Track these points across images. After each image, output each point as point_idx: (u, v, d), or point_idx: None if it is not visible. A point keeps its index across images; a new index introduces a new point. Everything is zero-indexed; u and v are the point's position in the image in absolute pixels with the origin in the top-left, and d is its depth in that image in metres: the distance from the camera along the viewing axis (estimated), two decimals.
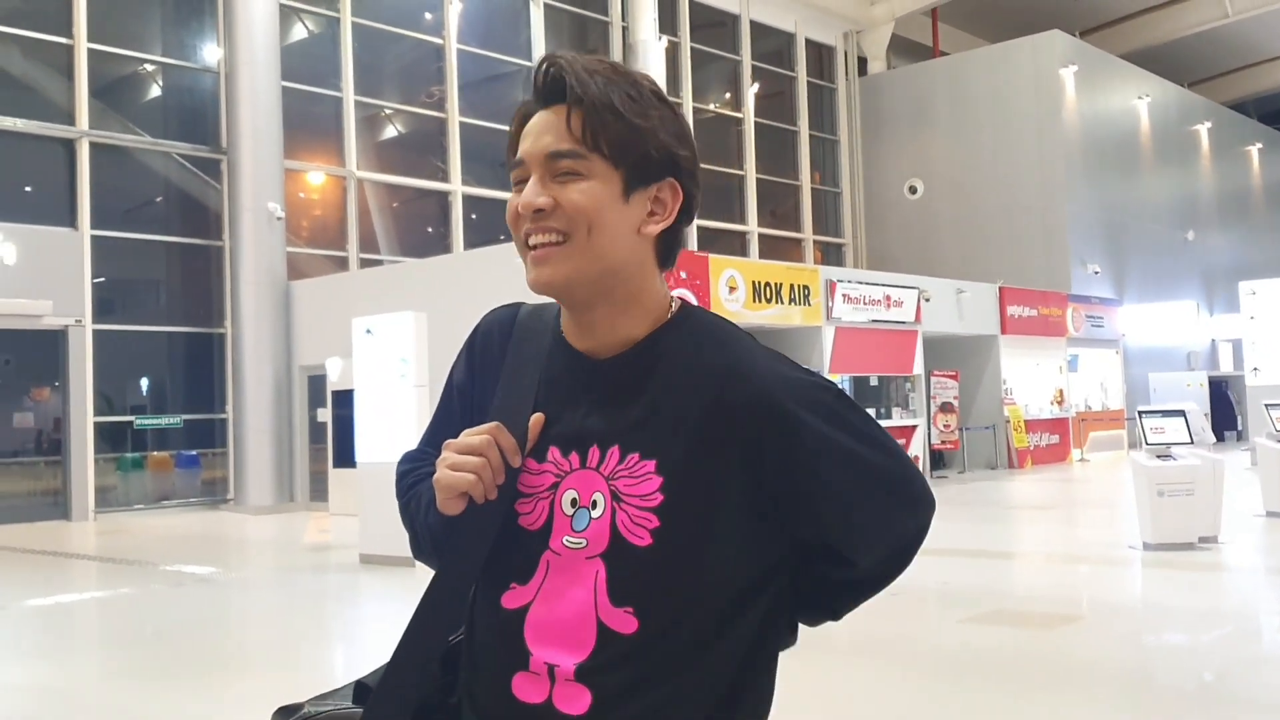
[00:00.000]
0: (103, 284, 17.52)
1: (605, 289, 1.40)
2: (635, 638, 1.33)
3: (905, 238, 28.74)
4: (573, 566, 1.36)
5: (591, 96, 1.36)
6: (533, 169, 1.39)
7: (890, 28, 30.14)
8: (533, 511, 1.40)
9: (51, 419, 17.01)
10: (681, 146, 1.42)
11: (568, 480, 1.40)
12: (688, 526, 1.34)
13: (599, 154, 1.37)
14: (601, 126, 1.36)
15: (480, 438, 1.37)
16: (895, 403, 20.08)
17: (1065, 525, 13.95)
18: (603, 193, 1.37)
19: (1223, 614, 7.85)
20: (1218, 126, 34.04)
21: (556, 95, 1.39)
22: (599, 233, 1.37)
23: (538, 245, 1.38)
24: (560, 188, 1.37)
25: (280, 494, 17.70)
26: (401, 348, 10.96)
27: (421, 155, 21.97)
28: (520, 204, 1.39)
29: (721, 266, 16.94)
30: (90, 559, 12.90)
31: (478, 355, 1.55)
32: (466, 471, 1.36)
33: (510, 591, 1.39)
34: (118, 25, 18.18)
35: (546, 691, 1.34)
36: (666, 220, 1.42)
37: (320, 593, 10.11)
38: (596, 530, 1.36)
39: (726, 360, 1.40)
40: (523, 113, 1.45)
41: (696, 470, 1.35)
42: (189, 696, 6.27)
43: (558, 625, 1.35)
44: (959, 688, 5.91)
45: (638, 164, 1.38)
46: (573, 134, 1.37)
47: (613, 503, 1.36)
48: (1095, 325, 25.19)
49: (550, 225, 1.37)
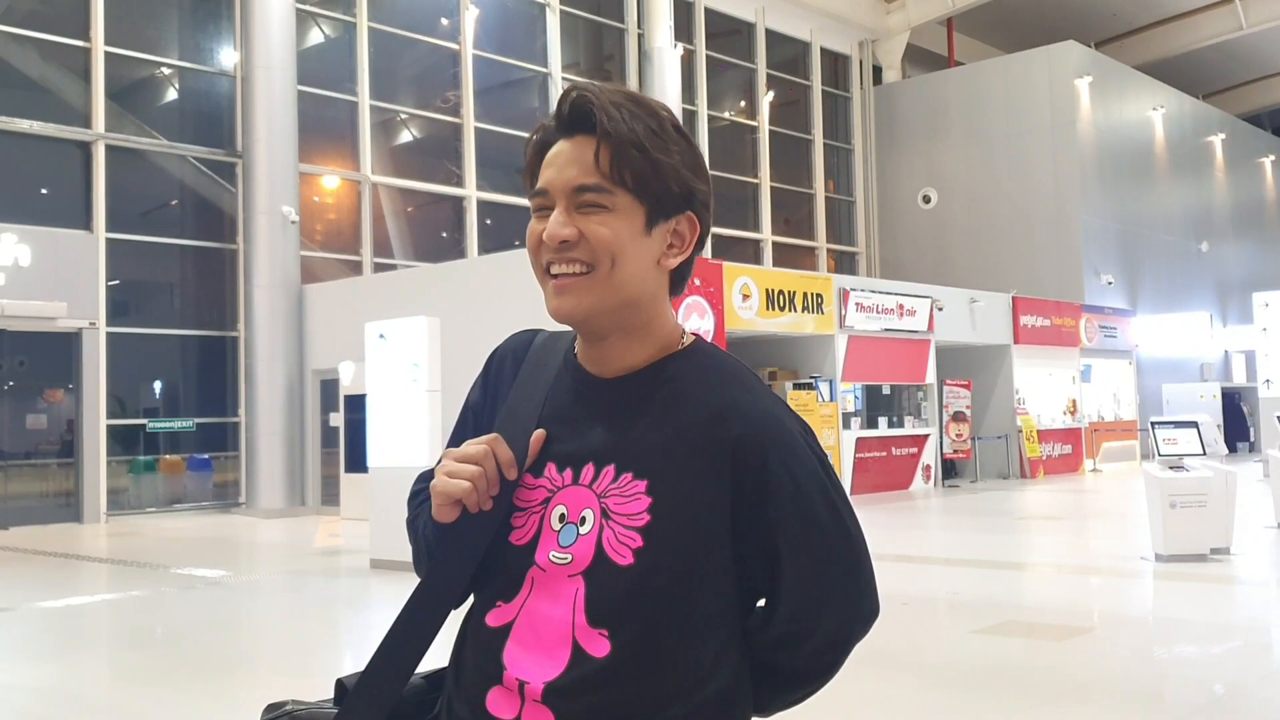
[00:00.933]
0: (117, 286, 17.59)
1: (622, 319, 1.42)
2: (606, 661, 1.33)
3: (918, 247, 28.72)
4: (555, 584, 1.37)
5: (619, 132, 1.38)
6: (557, 199, 1.40)
7: (905, 37, 30.14)
8: (524, 525, 1.41)
9: (65, 421, 17.07)
10: (699, 180, 1.45)
11: (559, 496, 1.41)
12: (670, 548, 1.35)
13: (624, 188, 1.39)
14: (627, 162, 1.38)
15: (478, 448, 1.39)
16: (907, 412, 20.04)
17: (1077, 536, 13.90)
18: (626, 227, 1.39)
19: (1234, 626, 7.81)
20: (1232, 138, 33.97)
21: (582, 126, 1.41)
22: (621, 266, 1.39)
23: (560, 275, 1.40)
24: (585, 220, 1.38)
25: (292, 498, 17.74)
26: (414, 353, 10.96)
27: (436, 160, 22.02)
28: (546, 235, 1.39)
29: (735, 274, 16.94)
30: (101, 561, 12.94)
31: (492, 378, 1.57)
32: (462, 479, 1.37)
33: (495, 610, 1.41)
34: (135, 29, 18.28)
35: (518, 709, 1.35)
36: (684, 253, 1.46)
37: (330, 597, 10.12)
38: (582, 547, 1.37)
39: (729, 397, 1.42)
40: (540, 139, 1.46)
41: (685, 495, 1.36)
42: (198, 699, 6.29)
43: (535, 643, 1.36)
44: (970, 699, 5.89)
45: (660, 198, 1.41)
46: (600, 168, 1.38)
47: (601, 520, 1.37)
48: (1108, 336, 25.11)
49: (574, 257, 1.39)
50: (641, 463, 1.39)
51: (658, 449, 1.39)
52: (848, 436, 18.37)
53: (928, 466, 19.93)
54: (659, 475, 1.37)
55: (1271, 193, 36.99)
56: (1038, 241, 26.72)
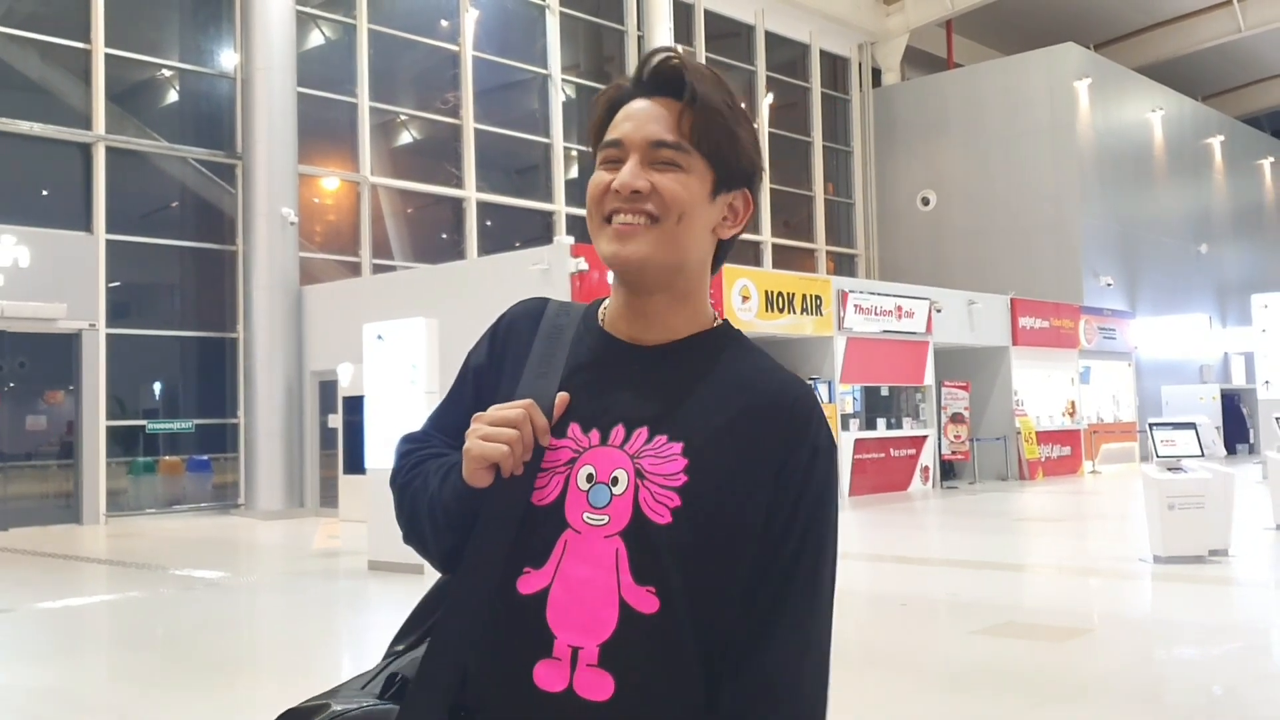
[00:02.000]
0: (117, 288, 17.60)
1: (671, 278, 1.45)
2: (656, 617, 1.34)
3: (917, 249, 28.74)
4: (591, 545, 1.37)
5: (705, 98, 1.43)
6: (632, 151, 1.43)
7: (905, 39, 30.16)
8: (547, 486, 1.41)
9: (64, 422, 17.08)
10: (760, 160, 1.51)
11: (585, 456, 1.41)
12: (707, 508, 1.36)
13: (700, 153, 1.43)
14: (710, 128, 1.43)
15: (516, 411, 1.38)
16: (906, 413, 20.06)
17: (1076, 538, 13.91)
18: (697, 188, 1.43)
19: (1233, 628, 7.82)
20: (1231, 140, 34.00)
21: (665, 89, 1.44)
22: (686, 224, 1.43)
23: (623, 223, 1.42)
24: (659, 175, 1.42)
25: (290, 499, 17.75)
26: (413, 354, 10.97)
27: (436, 161, 22.03)
28: (619, 183, 1.41)
29: (735, 276, 16.96)
30: (101, 562, 12.95)
31: (500, 343, 1.56)
32: (500, 443, 1.36)
33: (525, 576, 1.38)
34: (135, 30, 18.30)
35: (568, 678, 1.34)
36: (738, 226, 1.51)
37: (329, 598, 10.13)
38: (619, 507, 1.37)
39: (774, 378, 1.47)
40: (613, 95, 1.49)
41: (722, 457, 1.39)
42: (197, 700, 6.29)
43: (579, 606, 1.35)
44: (969, 700, 5.90)
45: (731, 169, 1.46)
46: (681, 129, 1.43)
47: (636, 480, 1.38)
48: (1107, 337, 25.12)
49: (643, 208, 1.41)
50: (678, 426, 1.40)
51: (695, 414, 1.41)
52: (846, 438, 18.38)
53: (926, 468, 19.94)
54: (694, 437, 1.39)
55: (1270, 194, 37.02)
56: (1036, 243, 26.74)
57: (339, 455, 16.75)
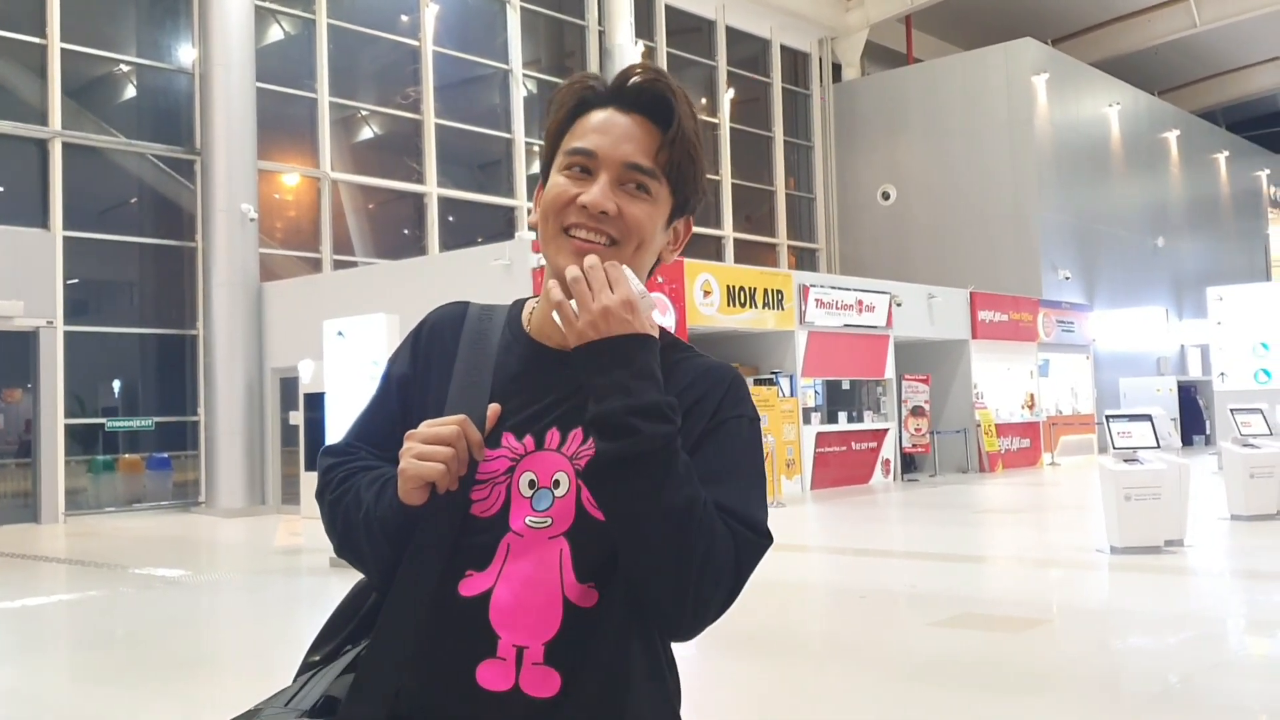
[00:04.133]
0: (75, 285, 17.42)
1: None
2: (596, 610, 1.37)
3: (878, 243, 28.89)
4: (535, 547, 1.39)
5: (685, 132, 1.43)
6: (604, 168, 1.43)
7: (865, 34, 30.28)
8: (488, 497, 1.42)
9: (22, 420, 16.89)
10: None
11: (524, 463, 1.43)
12: None
13: (668, 183, 1.45)
14: (681, 162, 1.44)
15: (450, 429, 1.38)
16: (867, 406, 20.19)
17: (1034, 529, 14.05)
18: (658, 217, 1.46)
19: (1188, 617, 7.93)
20: (1186, 134, 34.39)
21: (648, 110, 1.44)
22: (642, 251, 1.45)
23: (584, 240, 1.42)
24: (627, 199, 1.42)
25: (252, 497, 17.64)
26: (374, 350, 10.94)
27: (397, 157, 21.93)
28: (589, 201, 1.41)
29: (696, 271, 17.00)
30: (59, 561, 12.82)
31: (422, 350, 1.57)
32: (435, 461, 1.37)
33: (467, 579, 1.39)
34: (92, 25, 18.09)
35: (513, 677, 1.36)
36: (677, 250, 1.55)
37: (291, 596, 10.09)
38: (561, 508, 1.40)
39: (692, 364, 1.49)
40: (581, 96, 1.47)
41: None
42: (158, 700, 6.26)
43: (524, 606, 1.37)
44: (927, 691, 5.96)
45: (687, 198, 1.49)
46: (658, 159, 1.43)
47: (577, 480, 1.40)
48: (1066, 330, 25.37)
49: (605, 230, 1.42)
50: None
51: None
52: (808, 431, 18.47)
53: (887, 461, 20.07)
54: None
55: (1225, 188, 37.48)
56: (996, 237, 26.94)
57: (300, 452, 16.63)
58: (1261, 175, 40.46)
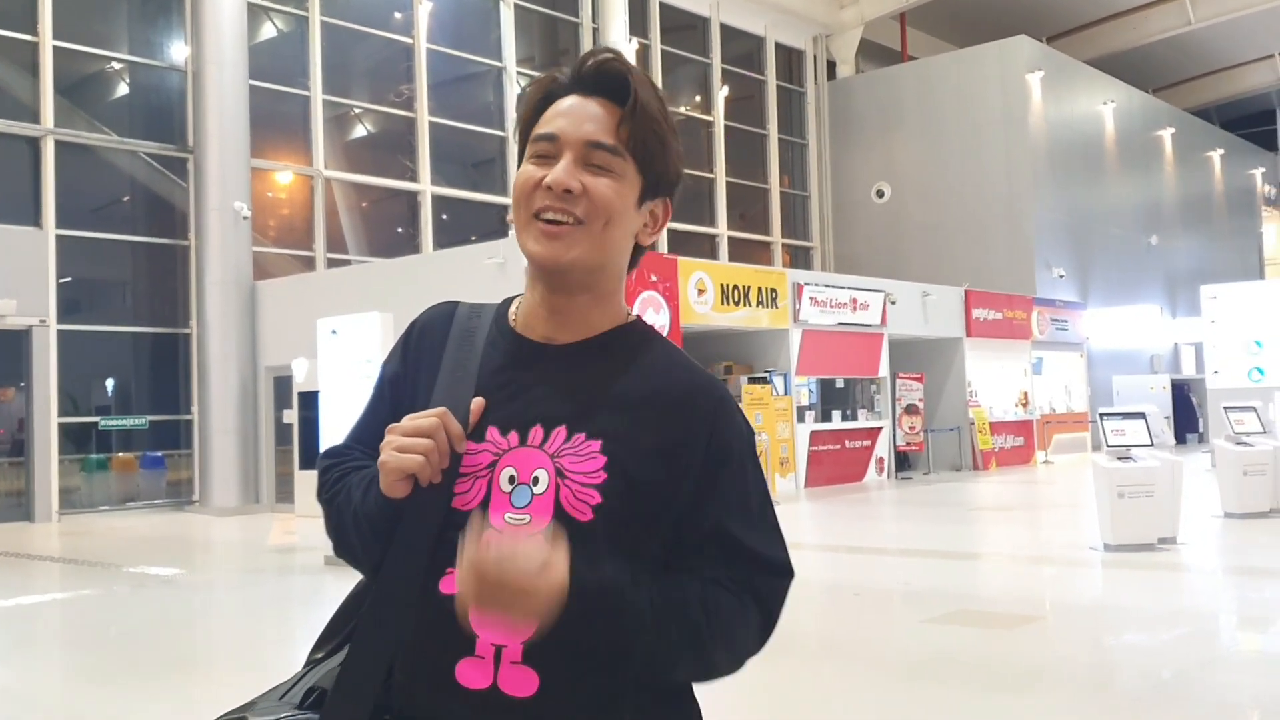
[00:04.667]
0: (68, 284, 17.38)
1: (593, 281, 1.47)
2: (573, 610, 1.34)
3: (872, 241, 28.90)
4: None
5: (645, 105, 1.44)
6: (566, 149, 1.43)
7: (859, 32, 30.29)
8: (470, 490, 1.42)
9: (15, 419, 16.86)
10: (682, 170, 1.52)
11: (505, 458, 1.42)
12: (628, 505, 1.39)
13: (633, 159, 1.44)
14: (646, 136, 1.44)
15: (429, 421, 1.39)
16: (861, 404, 20.19)
17: (1028, 527, 14.07)
18: (627, 195, 1.45)
19: (1181, 614, 7.95)
20: (1181, 132, 34.42)
21: (606, 90, 1.45)
22: (612, 228, 1.44)
23: (551, 221, 1.43)
24: (591, 177, 1.43)
25: (245, 496, 17.61)
26: (367, 349, 10.94)
27: (390, 155, 21.90)
28: (552, 180, 1.42)
29: (690, 269, 17.00)
30: (53, 560, 12.80)
31: (413, 351, 1.58)
32: (415, 454, 1.37)
33: (448, 576, 1.38)
34: (84, 23, 18.04)
35: (491, 676, 1.35)
36: (655, 234, 1.53)
37: (285, 595, 10.08)
38: (540, 506, 1.39)
39: (681, 371, 1.49)
40: (548, 88, 1.49)
41: (640, 455, 1.41)
42: (152, 699, 6.25)
43: None
44: (921, 688, 5.97)
45: (658, 178, 1.48)
46: (619, 134, 1.43)
47: (557, 479, 1.39)
48: (1060, 328, 25.41)
49: (571, 209, 1.42)
50: (595, 424, 1.42)
51: (611, 411, 1.43)
52: (802, 430, 18.49)
53: (881, 459, 20.09)
54: (611, 434, 1.41)
55: (1219, 186, 37.53)
56: (990, 235, 26.96)
57: (294, 451, 16.61)
58: (1255, 173, 40.53)
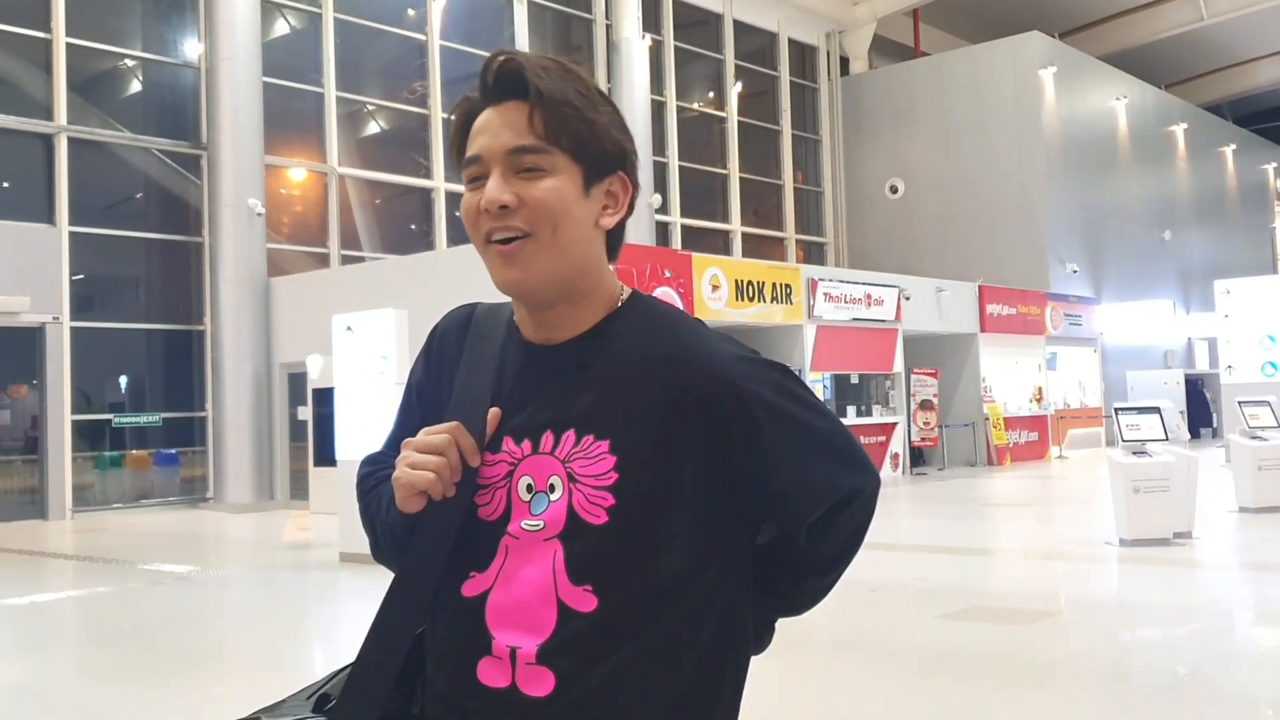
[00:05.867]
0: (81, 280, 17.44)
1: (568, 286, 1.42)
2: (595, 615, 1.35)
3: (886, 237, 28.85)
4: (530, 549, 1.38)
5: (551, 92, 1.38)
6: (492, 165, 1.40)
7: (872, 28, 30.24)
8: (491, 502, 1.42)
9: (29, 417, 16.91)
10: (628, 140, 1.46)
11: (521, 467, 1.42)
12: (643, 504, 1.36)
13: (561, 149, 1.39)
14: (564, 121, 1.38)
15: (440, 437, 1.39)
16: (875, 400, 20.15)
17: (1043, 522, 14.04)
18: (567, 188, 1.39)
19: (1197, 609, 7.92)
20: (1193, 128, 34.28)
21: (510, 92, 1.40)
22: (563, 228, 1.39)
23: (502, 241, 1.39)
24: (525, 184, 1.38)
25: (260, 492, 17.65)
26: (382, 345, 10.94)
27: (404, 151, 21.92)
28: (484, 201, 1.39)
29: (704, 265, 16.98)
30: (67, 558, 12.84)
31: (434, 355, 1.57)
32: (426, 470, 1.37)
33: (470, 580, 1.40)
34: (97, 20, 18.09)
35: (510, 675, 1.36)
36: (619, 213, 1.46)
37: (300, 591, 10.10)
38: (554, 512, 1.38)
39: (677, 344, 1.44)
40: (465, 110, 1.46)
41: (650, 450, 1.38)
42: (166, 695, 6.27)
43: (518, 608, 1.37)
44: (937, 683, 5.96)
45: (597, 158, 1.42)
46: (534, 130, 1.38)
47: (569, 484, 1.38)
48: (1073, 324, 25.33)
49: (514, 224, 1.38)
50: (600, 424, 1.40)
51: (614, 408, 1.40)
52: None
53: (896, 455, 20.05)
54: (619, 434, 1.39)
55: (1232, 181, 37.38)
56: (1003, 231, 26.90)
57: (309, 447, 16.66)
58: (1269, 168, 40.33)
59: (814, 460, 1.44)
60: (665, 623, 1.37)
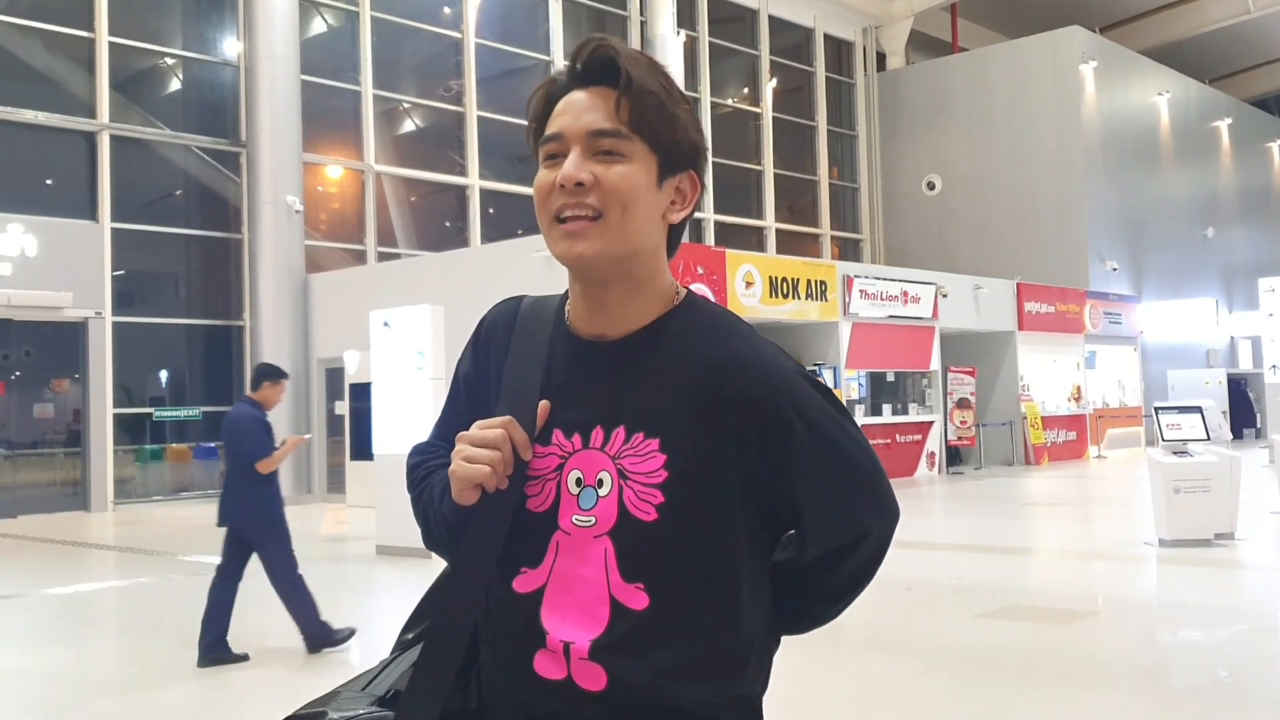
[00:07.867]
0: (122, 276, 17.63)
1: (626, 269, 1.44)
2: (647, 613, 1.37)
3: (923, 233, 28.69)
4: (582, 545, 1.40)
5: (640, 82, 1.41)
6: (572, 144, 1.42)
7: (909, 23, 30.06)
8: (540, 494, 1.43)
9: (71, 410, 17.13)
10: (703, 140, 1.49)
11: (571, 461, 1.43)
12: (692, 502, 1.38)
13: (641, 139, 1.42)
14: (647, 112, 1.42)
15: (495, 431, 1.40)
16: (912, 399, 20.04)
17: (1081, 522, 13.92)
18: (641, 176, 1.42)
19: (1238, 611, 7.83)
20: (1238, 123, 33.85)
21: (600, 77, 1.43)
22: (632, 214, 1.41)
23: (570, 219, 1.41)
24: (602, 166, 1.41)
25: (298, 486, 17.77)
26: (419, 340, 11.00)
27: (439, 149, 22.02)
28: (561, 177, 1.41)
29: (739, 262, 16.95)
30: (109, 549, 12.99)
31: (482, 348, 1.59)
32: (481, 464, 1.39)
33: (522, 576, 1.42)
34: (139, 19, 18.30)
35: (565, 668, 1.38)
36: (686, 209, 1.49)
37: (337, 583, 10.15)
38: (605, 508, 1.40)
39: (730, 349, 1.45)
40: (548, 90, 1.48)
41: (699, 449, 1.39)
42: (204, 684, 6.33)
43: (572, 604, 1.39)
44: (973, 683, 5.93)
45: (672, 152, 1.45)
46: (620, 115, 1.41)
47: (619, 480, 1.40)
48: (1113, 322, 25.09)
49: (587, 201, 1.40)
50: (651, 421, 1.41)
51: (665, 406, 1.42)
52: None
53: (932, 454, 19.94)
54: (670, 432, 1.40)
55: (1278, 178, 36.87)
56: (1042, 228, 26.68)
57: (346, 442, 16.79)
58: None
59: (838, 481, 1.45)
60: (713, 620, 1.39)
